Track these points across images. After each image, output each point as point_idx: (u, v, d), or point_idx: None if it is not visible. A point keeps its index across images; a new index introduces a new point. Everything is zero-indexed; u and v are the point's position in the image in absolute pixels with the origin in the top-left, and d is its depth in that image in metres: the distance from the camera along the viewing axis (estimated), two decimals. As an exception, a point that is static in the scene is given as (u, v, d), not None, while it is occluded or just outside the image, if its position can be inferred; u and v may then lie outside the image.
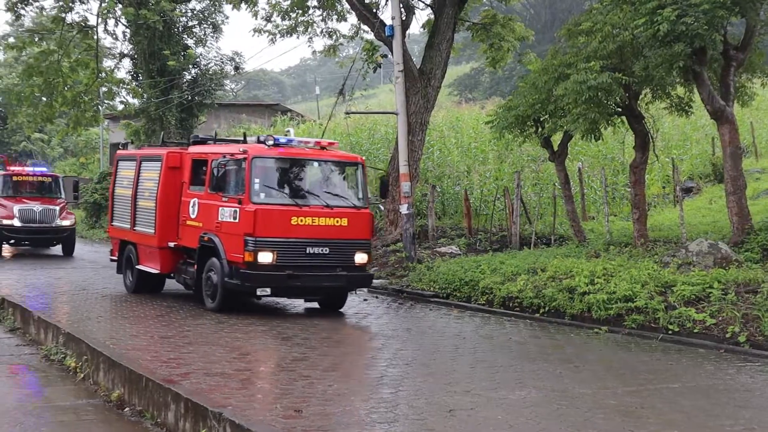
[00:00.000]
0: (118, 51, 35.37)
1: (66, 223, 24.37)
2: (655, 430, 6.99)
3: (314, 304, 14.52)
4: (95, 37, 29.78)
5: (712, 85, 14.20)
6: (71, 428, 8.11)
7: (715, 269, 12.50)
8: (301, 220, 12.93)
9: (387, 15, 20.56)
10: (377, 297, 16.22)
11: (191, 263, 14.14)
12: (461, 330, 12.44)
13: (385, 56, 22.43)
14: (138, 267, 15.50)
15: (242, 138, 14.81)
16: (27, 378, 10.28)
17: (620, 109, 15.37)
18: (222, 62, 35.08)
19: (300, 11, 24.16)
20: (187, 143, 16.30)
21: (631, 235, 15.62)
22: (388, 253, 19.23)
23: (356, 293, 13.82)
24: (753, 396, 8.61)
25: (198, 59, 34.42)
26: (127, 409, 8.60)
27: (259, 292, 12.98)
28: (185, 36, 34.17)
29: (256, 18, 24.45)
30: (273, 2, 24.27)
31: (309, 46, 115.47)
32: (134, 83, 33.78)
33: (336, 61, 30.84)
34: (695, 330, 11.31)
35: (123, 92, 33.45)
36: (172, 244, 14.58)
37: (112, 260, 16.99)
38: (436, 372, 9.27)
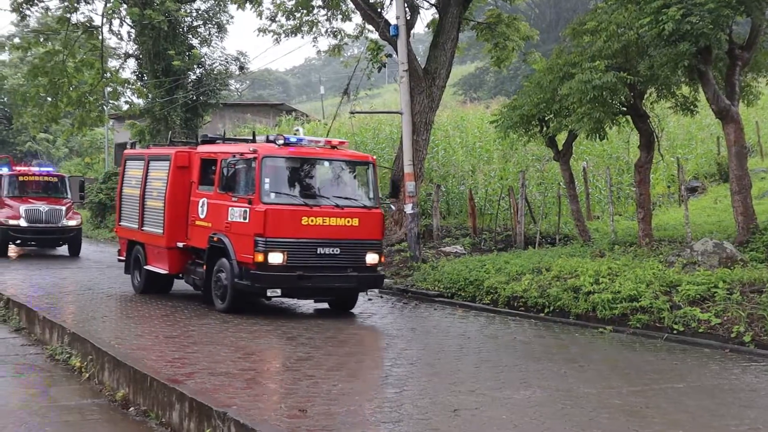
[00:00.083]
0: (123, 51, 35.42)
1: (72, 223, 24.27)
2: (660, 430, 6.98)
3: (324, 305, 14.42)
4: (100, 38, 29.75)
5: (717, 85, 14.16)
6: (76, 428, 8.13)
7: (720, 269, 12.48)
8: (312, 220, 12.81)
9: (392, 14, 20.61)
10: (382, 296, 16.19)
11: (200, 264, 14.03)
12: (466, 329, 12.44)
13: (390, 56, 22.39)
14: (146, 267, 15.44)
15: (251, 137, 14.61)
16: (32, 378, 10.27)
17: (625, 109, 15.36)
18: (227, 62, 35.18)
19: (305, 11, 24.20)
20: (195, 143, 16.25)
21: (636, 235, 15.60)
22: (393, 253, 19.21)
23: (366, 294, 13.81)
24: (758, 396, 8.60)
25: (203, 59, 34.44)
26: (132, 409, 8.61)
27: (270, 293, 12.85)
28: (190, 36, 34.21)
29: (261, 18, 24.58)
30: (278, 2, 24.28)
31: (314, 46, 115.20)
32: (139, 83, 33.77)
33: (341, 61, 30.79)
34: (700, 330, 11.30)
35: (128, 92, 33.38)
36: (181, 245, 14.49)
37: (120, 260, 16.95)
38: (441, 371, 9.27)
